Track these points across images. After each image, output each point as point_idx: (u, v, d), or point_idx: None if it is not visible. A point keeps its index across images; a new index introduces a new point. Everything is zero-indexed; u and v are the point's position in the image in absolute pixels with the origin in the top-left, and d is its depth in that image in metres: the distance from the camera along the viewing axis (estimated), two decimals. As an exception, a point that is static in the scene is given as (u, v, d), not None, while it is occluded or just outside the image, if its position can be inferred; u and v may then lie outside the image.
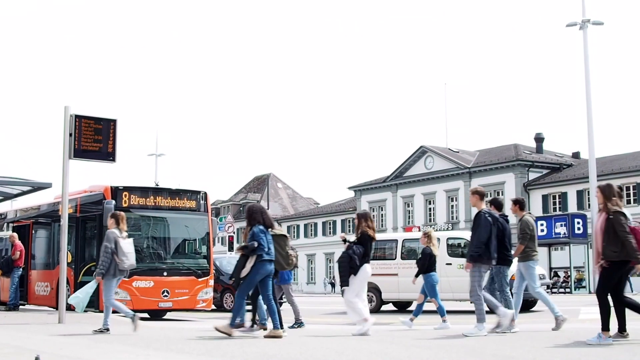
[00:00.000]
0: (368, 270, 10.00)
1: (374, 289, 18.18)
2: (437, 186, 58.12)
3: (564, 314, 10.27)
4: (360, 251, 9.91)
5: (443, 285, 16.97)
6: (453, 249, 17.82)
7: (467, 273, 9.73)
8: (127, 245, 10.47)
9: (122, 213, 11.05)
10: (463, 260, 16.36)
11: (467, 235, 18.09)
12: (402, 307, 19.41)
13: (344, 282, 9.95)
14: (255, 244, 9.32)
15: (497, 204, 10.71)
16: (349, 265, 9.85)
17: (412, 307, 18.90)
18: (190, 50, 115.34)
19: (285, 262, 10.51)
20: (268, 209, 78.34)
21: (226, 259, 22.18)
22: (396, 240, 19.25)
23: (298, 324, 12.02)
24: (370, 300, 17.88)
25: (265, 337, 9.34)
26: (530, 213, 11.14)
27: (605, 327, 8.04)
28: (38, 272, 18.72)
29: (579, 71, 66.63)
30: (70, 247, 16.41)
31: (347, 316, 10.81)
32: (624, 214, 8.02)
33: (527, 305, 16.86)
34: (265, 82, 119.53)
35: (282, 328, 9.65)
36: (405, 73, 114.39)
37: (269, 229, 9.65)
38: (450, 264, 17.37)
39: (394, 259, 18.73)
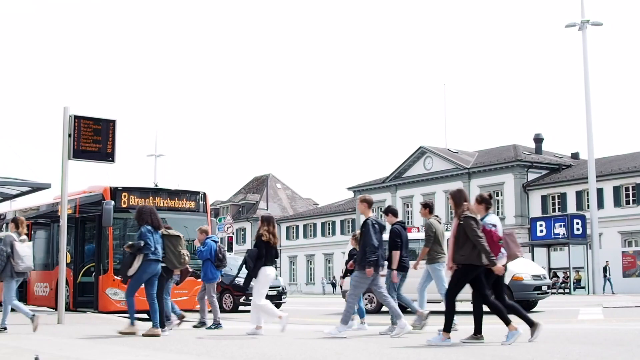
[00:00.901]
0: (268, 272, 10.51)
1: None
2: (437, 187, 58.13)
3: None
4: (254, 254, 10.40)
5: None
6: None
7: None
8: (24, 249, 10.72)
9: (22, 217, 11.34)
10: None
11: None
12: (403, 307, 19.27)
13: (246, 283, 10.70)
14: (142, 243, 9.69)
15: (393, 212, 10.94)
16: (245, 266, 10.53)
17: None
18: (189, 50, 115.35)
19: (177, 261, 10.86)
20: (267, 209, 78.27)
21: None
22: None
23: (215, 324, 12.02)
24: (370, 301, 17.87)
25: (144, 335, 9.78)
26: (437, 216, 11.43)
27: (447, 328, 8.24)
28: (37, 272, 18.69)
29: (578, 72, 66.65)
30: (70, 248, 16.40)
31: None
32: (474, 219, 8.12)
33: (529, 305, 16.87)
34: (265, 83, 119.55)
35: (162, 327, 10.15)
36: (405, 74, 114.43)
37: (158, 230, 10.04)
38: None
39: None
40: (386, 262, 10.44)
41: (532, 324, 8.27)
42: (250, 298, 19.32)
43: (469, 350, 7.60)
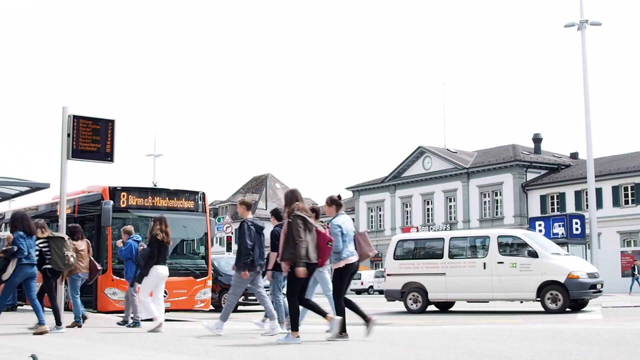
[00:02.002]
0: (160, 271, 11.12)
1: (419, 289, 17.54)
2: (435, 186, 58.15)
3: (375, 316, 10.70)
4: (146, 253, 11.13)
5: (495, 285, 16.57)
6: (504, 248, 16.99)
7: (519, 272, 10.02)
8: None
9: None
10: (514, 259, 16.24)
11: (517, 233, 17.78)
12: (444, 307, 18.68)
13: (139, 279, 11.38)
14: (15, 249, 10.11)
15: (277, 215, 11.05)
16: (138, 264, 11.24)
17: (455, 308, 18.55)
18: (188, 50, 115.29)
19: (62, 263, 11.06)
20: (266, 209, 78.30)
21: (224, 259, 22.19)
22: (443, 239, 18.18)
23: (134, 322, 12.35)
24: (415, 301, 17.46)
25: (34, 333, 10.17)
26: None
27: (294, 327, 8.47)
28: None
29: (577, 72, 66.67)
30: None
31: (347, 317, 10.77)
32: (302, 218, 8.39)
33: (579, 305, 16.87)
34: (264, 83, 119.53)
35: (59, 324, 10.75)
36: (404, 73, 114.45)
37: (31, 235, 10.39)
38: (502, 262, 16.64)
39: (441, 258, 17.70)
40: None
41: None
42: (249, 298, 19.45)
43: (468, 350, 7.60)
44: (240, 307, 20.20)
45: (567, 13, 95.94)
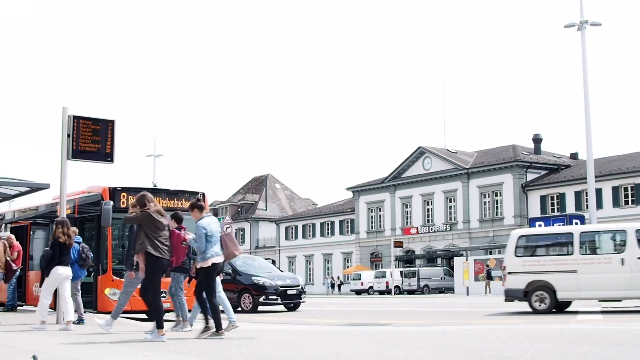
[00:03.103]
0: (60, 272, 11.55)
1: (546, 288, 16.37)
2: (435, 187, 58.15)
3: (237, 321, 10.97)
4: (48, 255, 11.55)
5: (635, 282, 15.27)
6: None
7: None
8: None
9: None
10: None
11: None
12: (560, 307, 17.24)
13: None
14: None
15: (177, 219, 11.39)
16: (39, 265, 11.95)
17: (571, 308, 17.46)
18: (188, 50, 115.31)
19: None
20: (266, 209, 78.22)
21: (241, 259, 21.57)
22: (572, 234, 16.90)
23: (79, 320, 12.74)
24: (541, 301, 16.52)
25: None
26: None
27: (159, 325, 9.02)
28: (36, 273, 18.68)
29: (577, 72, 66.64)
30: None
31: (347, 317, 10.83)
32: (151, 216, 9.10)
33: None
34: (264, 83, 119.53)
35: None
36: (404, 74, 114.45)
37: None
38: None
39: (572, 254, 16.48)
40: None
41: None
42: (270, 298, 19.07)
43: (468, 350, 7.60)
44: (260, 308, 19.89)
45: (567, 13, 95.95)
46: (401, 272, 53.28)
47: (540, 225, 38.55)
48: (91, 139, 12.94)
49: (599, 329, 10.73)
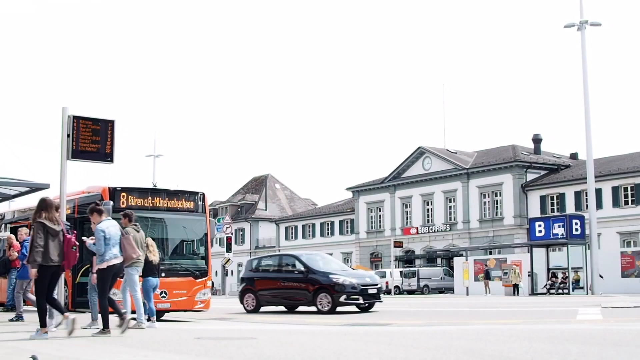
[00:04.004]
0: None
1: None
2: (435, 187, 58.15)
3: (145, 321, 11.68)
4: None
5: None
6: None
7: None
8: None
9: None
10: None
11: None
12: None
13: None
14: None
15: (130, 216, 11.81)
16: None
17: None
18: (188, 51, 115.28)
19: None
20: (266, 209, 78.16)
21: (304, 256, 20.21)
22: None
23: (17, 317, 13.13)
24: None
25: None
26: (136, 225, 12.18)
27: (42, 324, 9.47)
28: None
29: (577, 72, 66.64)
30: (68, 248, 16.37)
31: (346, 317, 10.83)
32: (42, 225, 9.38)
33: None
34: (264, 83, 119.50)
35: None
36: (404, 74, 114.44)
37: None
38: None
39: None
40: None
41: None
42: (351, 297, 18.29)
43: (468, 350, 7.59)
44: (339, 309, 18.85)
45: (567, 13, 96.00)
46: (401, 272, 53.27)
47: (540, 226, 38.55)
48: (91, 139, 12.93)
49: (599, 329, 10.73)
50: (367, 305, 19.16)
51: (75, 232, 9.94)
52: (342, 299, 18.39)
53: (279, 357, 7.08)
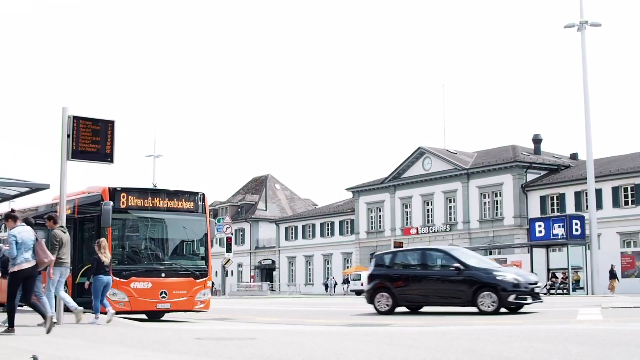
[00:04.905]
0: None
1: None
2: (435, 187, 58.14)
3: (54, 316, 11.80)
4: None
5: None
6: None
7: None
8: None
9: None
10: None
11: None
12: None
13: None
14: None
15: (55, 219, 12.45)
16: None
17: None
18: (188, 51, 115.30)
19: None
20: (266, 209, 78.09)
21: (462, 249, 18.86)
22: None
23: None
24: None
25: None
26: (62, 227, 12.74)
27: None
28: (36, 273, 18.68)
29: (577, 72, 66.65)
30: (68, 248, 16.37)
31: (346, 317, 10.83)
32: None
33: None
34: (264, 84, 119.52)
35: None
36: (404, 74, 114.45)
37: None
38: None
39: None
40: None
41: (45, 317, 10.14)
42: (520, 297, 16.39)
43: (468, 350, 7.60)
44: (430, 309, 17.83)
45: (567, 14, 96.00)
46: (401, 272, 53.12)
47: (540, 226, 38.52)
48: (91, 139, 12.92)
49: (599, 329, 10.73)
50: (519, 305, 17.13)
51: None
52: (511, 298, 16.49)
53: (279, 357, 7.09)
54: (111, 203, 15.02)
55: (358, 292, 55.08)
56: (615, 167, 47.86)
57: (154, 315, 16.79)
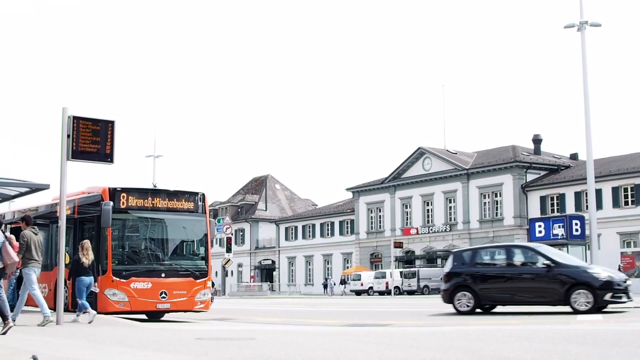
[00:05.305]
0: None
1: None
2: (435, 187, 58.15)
3: (51, 316, 12.23)
4: None
5: None
6: None
7: None
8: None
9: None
10: None
11: None
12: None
13: None
14: None
15: (27, 220, 12.51)
16: None
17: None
18: (188, 51, 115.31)
19: None
20: (266, 210, 78.12)
21: (554, 251, 17.84)
22: None
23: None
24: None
25: None
26: (34, 228, 12.65)
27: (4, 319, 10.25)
28: (36, 273, 18.68)
29: (577, 72, 66.64)
30: (69, 249, 16.38)
31: (347, 317, 10.83)
32: None
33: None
34: (264, 84, 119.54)
35: None
36: (404, 74, 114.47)
37: None
38: None
39: None
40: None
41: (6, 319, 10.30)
42: (616, 295, 15.63)
43: (468, 350, 7.60)
44: (503, 309, 17.34)
45: (567, 14, 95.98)
46: (401, 272, 53.26)
47: (540, 226, 38.50)
48: (91, 139, 12.93)
49: (599, 329, 10.73)
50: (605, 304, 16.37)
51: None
52: (608, 297, 15.78)
53: (278, 357, 7.09)
54: (111, 203, 15.02)
55: (358, 292, 55.11)
56: (615, 167, 47.87)
57: (154, 316, 16.78)
